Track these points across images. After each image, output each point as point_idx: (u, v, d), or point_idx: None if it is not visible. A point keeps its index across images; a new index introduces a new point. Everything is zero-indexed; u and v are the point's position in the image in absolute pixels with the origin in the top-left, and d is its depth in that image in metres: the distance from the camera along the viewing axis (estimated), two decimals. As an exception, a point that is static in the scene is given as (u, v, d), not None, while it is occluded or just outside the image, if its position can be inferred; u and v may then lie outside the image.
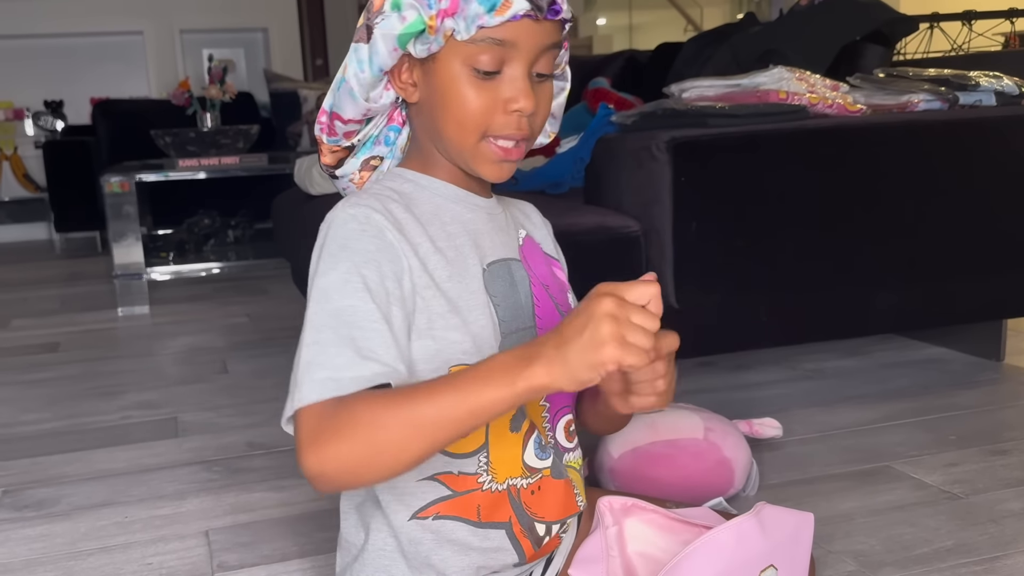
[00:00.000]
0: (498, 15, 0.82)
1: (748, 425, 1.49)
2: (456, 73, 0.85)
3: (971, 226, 1.83)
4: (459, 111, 0.86)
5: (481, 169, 0.89)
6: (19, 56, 5.12)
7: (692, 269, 1.68)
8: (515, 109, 0.85)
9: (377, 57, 0.86)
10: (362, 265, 0.81)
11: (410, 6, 0.83)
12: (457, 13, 0.83)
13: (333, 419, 0.74)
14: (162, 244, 3.80)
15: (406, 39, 0.85)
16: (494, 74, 0.85)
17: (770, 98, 1.79)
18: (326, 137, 0.95)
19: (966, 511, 1.35)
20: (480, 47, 0.83)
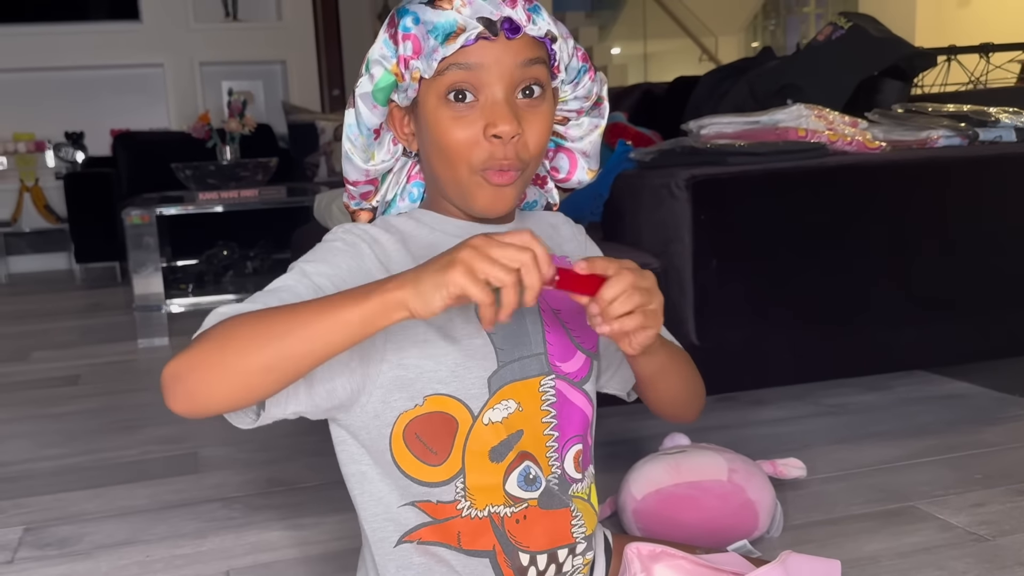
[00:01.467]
0: (451, 43, 0.83)
1: (772, 466, 1.47)
2: (434, 109, 0.87)
3: (993, 262, 1.82)
4: (443, 145, 0.87)
5: (475, 203, 0.89)
6: (40, 88, 5.19)
7: (713, 307, 1.67)
8: (494, 134, 0.84)
9: (362, 118, 0.90)
10: (331, 262, 0.86)
11: (375, 63, 0.88)
12: (420, 54, 0.85)
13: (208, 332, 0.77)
14: (181, 276, 3.83)
15: (381, 94, 0.88)
16: (471, 102, 0.85)
17: (789, 135, 1.80)
18: (352, 203, 0.98)
19: (993, 553, 1.33)
20: (448, 76, 0.85)
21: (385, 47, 0.87)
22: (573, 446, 0.96)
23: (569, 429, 0.95)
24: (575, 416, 0.96)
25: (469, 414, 0.89)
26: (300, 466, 1.83)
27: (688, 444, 1.46)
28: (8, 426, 2.23)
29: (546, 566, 0.93)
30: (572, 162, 1.00)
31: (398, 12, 0.87)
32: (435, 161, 0.89)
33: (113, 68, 5.24)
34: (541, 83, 0.87)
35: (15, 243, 5.23)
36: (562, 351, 0.94)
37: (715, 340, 1.70)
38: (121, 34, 5.18)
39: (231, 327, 0.76)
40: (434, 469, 0.89)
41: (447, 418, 0.88)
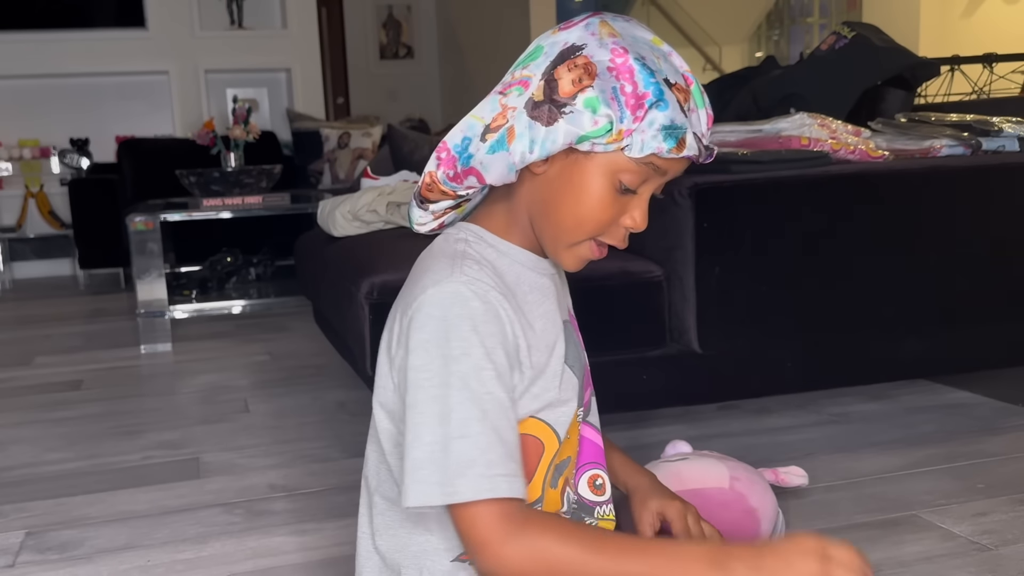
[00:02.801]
0: (674, 152, 0.83)
1: (774, 474, 1.47)
2: (600, 178, 0.85)
3: (996, 271, 1.82)
4: (586, 212, 0.86)
5: (566, 261, 0.90)
6: (46, 95, 5.21)
7: (715, 314, 1.67)
8: (629, 225, 0.87)
9: (551, 144, 0.83)
10: (492, 351, 0.82)
11: (605, 114, 0.81)
12: (636, 131, 0.82)
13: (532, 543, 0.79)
14: (185, 282, 3.83)
15: (587, 139, 0.83)
16: (631, 194, 0.86)
17: (792, 144, 1.80)
18: (448, 182, 0.90)
19: (996, 563, 1.33)
20: (637, 167, 0.84)
21: (621, 107, 0.81)
22: (588, 471, 1.00)
23: (584, 456, 0.99)
24: (586, 447, 1.00)
25: (556, 441, 0.92)
26: (301, 472, 1.83)
27: (690, 452, 1.46)
28: (11, 430, 2.23)
29: None
30: None
31: (654, 88, 0.81)
32: (561, 212, 0.87)
33: (118, 75, 5.26)
34: None
35: (20, 249, 5.24)
36: (584, 384, 0.99)
37: (717, 348, 1.70)
38: (127, 41, 5.20)
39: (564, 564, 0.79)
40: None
41: (536, 442, 0.90)
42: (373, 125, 4.96)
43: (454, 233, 0.93)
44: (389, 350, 0.89)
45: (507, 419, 0.82)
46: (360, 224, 2.15)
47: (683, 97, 0.83)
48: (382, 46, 7.23)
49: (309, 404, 2.34)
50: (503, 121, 0.85)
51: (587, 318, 1.11)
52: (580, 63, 0.82)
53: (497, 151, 0.85)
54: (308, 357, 2.85)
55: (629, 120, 0.81)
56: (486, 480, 0.78)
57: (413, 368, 0.83)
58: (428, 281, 0.85)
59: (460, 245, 0.90)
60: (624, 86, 0.81)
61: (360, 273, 1.68)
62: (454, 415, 0.80)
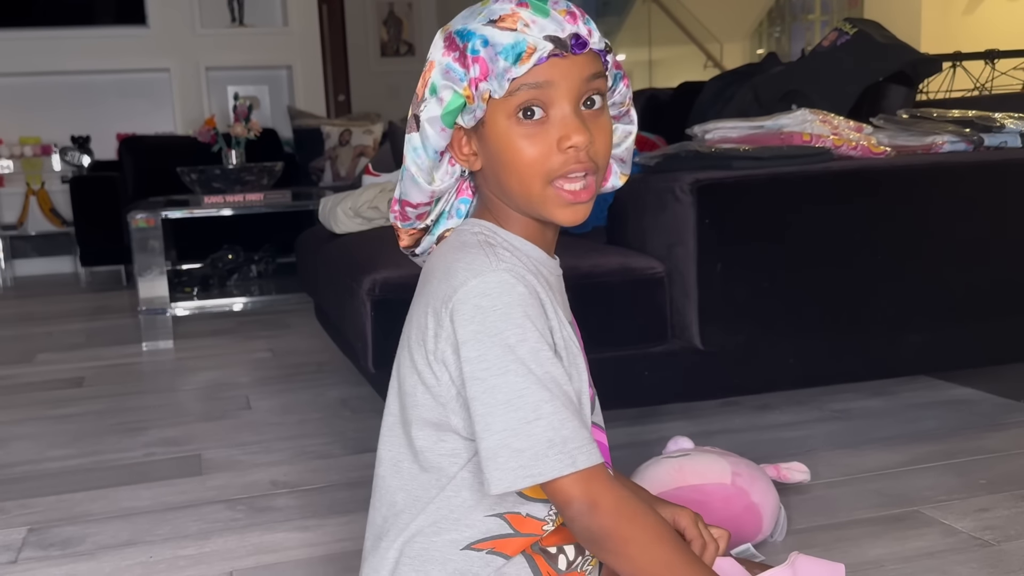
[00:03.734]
0: (524, 63, 0.84)
1: (776, 469, 1.47)
2: (504, 129, 0.87)
3: (998, 267, 1.82)
4: (518, 164, 0.88)
5: (555, 215, 0.91)
6: (47, 92, 5.21)
7: (717, 311, 1.67)
8: (569, 145, 0.87)
9: (429, 141, 0.89)
10: (544, 332, 0.86)
11: (444, 87, 0.87)
12: (489, 75, 0.85)
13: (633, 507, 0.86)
14: (186, 279, 3.83)
15: (450, 117, 0.88)
16: (541, 119, 0.87)
17: (794, 140, 1.80)
18: (401, 223, 0.97)
19: (998, 558, 1.33)
20: (518, 96, 0.86)
21: (451, 70, 0.87)
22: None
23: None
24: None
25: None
26: (303, 468, 1.83)
27: (692, 448, 1.46)
28: (13, 427, 2.23)
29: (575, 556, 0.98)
30: (608, 168, 1.02)
31: (460, 35, 0.87)
32: (506, 178, 0.90)
33: (119, 72, 5.26)
34: (601, 93, 0.90)
35: (21, 246, 5.25)
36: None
37: (719, 344, 1.70)
38: (128, 39, 5.20)
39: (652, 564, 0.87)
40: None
41: None
42: (374, 122, 4.96)
43: (468, 228, 0.95)
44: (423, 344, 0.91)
45: (568, 394, 0.85)
46: (362, 221, 2.15)
47: (511, 22, 0.85)
48: (383, 43, 7.22)
49: (311, 401, 2.34)
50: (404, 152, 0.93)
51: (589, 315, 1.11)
52: (426, 69, 0.90)
53: (404, 176, 0.93)
54: (310, 354, 2.86)
55: (465, 74, 0.86)
56: (566, 456, 0.83)
57: (468, 360, 0.85)
58: (467, 272, 0.87)
59: (481, 236, 0.92)
60: (452, 56, 0.87)
61: (362, 270, 1.68)
62: (524, 400, 0.83)
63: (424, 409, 0.91)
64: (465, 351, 0.85)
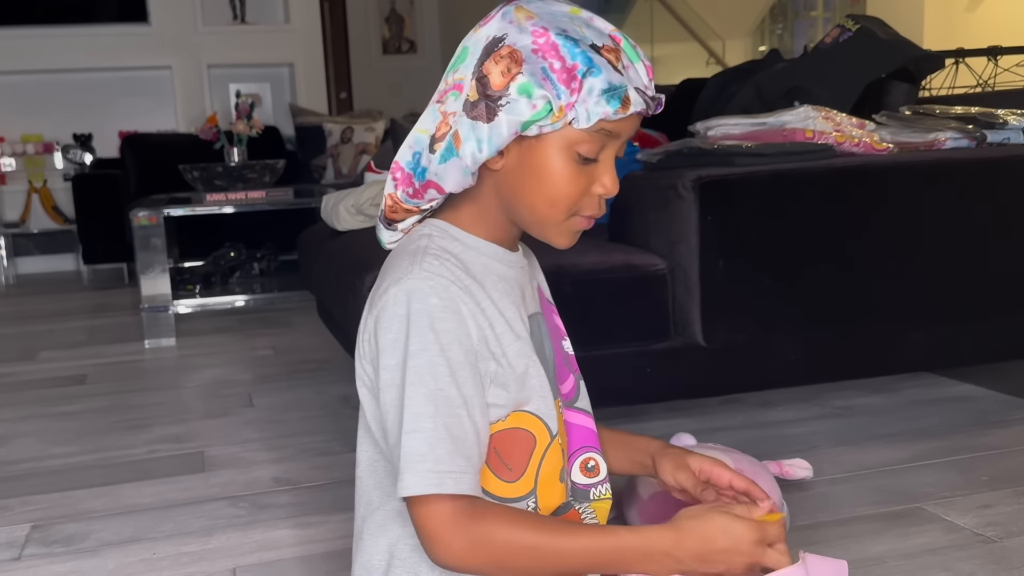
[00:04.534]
0: (621, 112, 0.83)
1: (778, 466, 1.47)
2: (558, 156, 0.85)
3: (1000, 263, 1.82)
4: (555, 192, 0.86)
5: (558, 240, 0.91)
6: (49, 90, 5.21)
7: (719, 307, 1.67)
8: (601, 193, 0.88)
9: (498, 138, 0.85)
10: (447, 347, 0.83)
11: (542, 96, 0.82)
12: (577, 103, 0.83)
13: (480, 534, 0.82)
14: (188, 277, 3.83)
15: (531, 124, 0.84)
16: (594, 163, 0.87)
17: (796, 137, 1.79)
18: (407, 199, 0.92)
19: (1000, 555, 1.33)
20: (590, 136, 0.85)
21: (550, 81, 0.82)
22: (581, 455, 0.99)
23: (573, 443, 0.98)
24: (577, 432, 0.99)
25: (548, 434, 0.91)
26: (306, 465, 1.83)
27: (694, 444, 1.46)
28: (16, 425, 2.24)
29: None
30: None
31: (567, 44, 0.83)
32: (532, 197, 0.87)
33: (121, 70, 5.26)
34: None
35: (23, 244, 5.25)
36: (560, 373, 0.98)
37: (722, 341, 1.70)
38: (129, 36, 5.19)
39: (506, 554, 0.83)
40: (508, 485, 0.90)
41: (526, 435, 0.90)
42: (376, 120, 4.95)
43: (419, 230, 0.93)
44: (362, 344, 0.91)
45: (458, 416, 0.82)
46: (364, 218, 2.15)
47: (614, 57, 0.84)
48: (385, 41, 7.22)
49: (313, 398, 2.34)
50: (447, 128, 0.87)
51: (591, 311, 1.11)
52: (505, 53, 0.84)
53: (448, 159, 0.87)
54: (312, 351, 2.86)
55: (567, 94, 0.83)
56: (433, 476, 0.80)
57: (384, 368, 0.85)
58: (390, 280, 0.86)
59: (423, 241, 0.90)
60: (552, 64, 0.83)
61: (363, 267, 1.69)
62: (407, 411, 0.82)
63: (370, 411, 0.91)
64: (382, 359, 0.85)
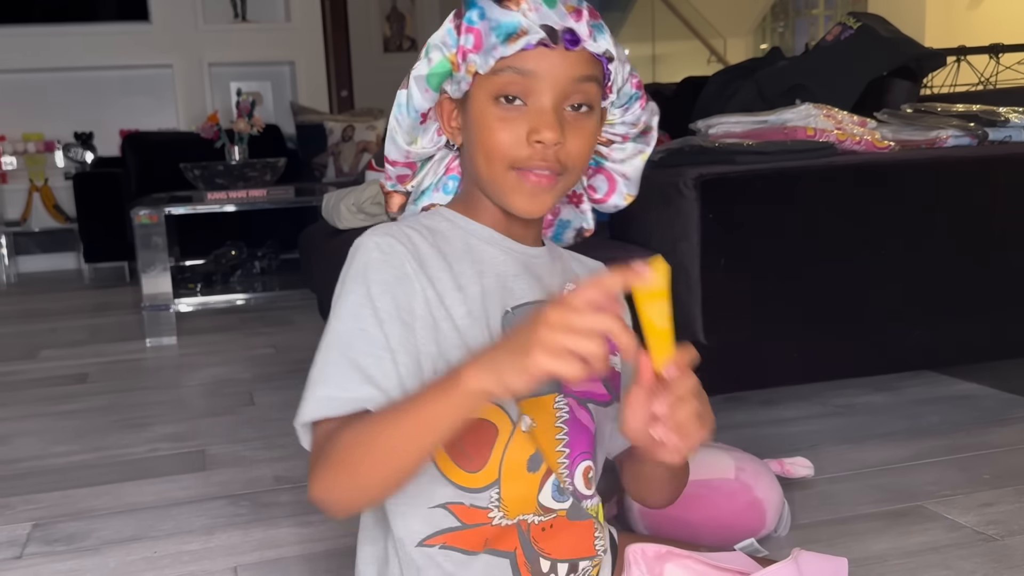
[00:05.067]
0: (512, 44, 0.84)
1: (780, 464, 1.47)
2: (483, 107, 0.88)
3: (1002, 262, 1.82)
4: (486, 143, 0.88)
5: (512, 202, 0.89)
6: (50, 89, 5.21)
7: (721, 306, 1.67)
8: (537, 140, 0.85)
9: (413, 100, 0.91)
10: (378, 295, 0.85)
11: (435, 48, 0.89)
12: (479, 50, 0.86)
13: (326, 450, 0.81)
14: (190, 275, 3.83)
15: (435, 79, 0.89)
16: (519, 106, 0.86)
17: (798, 135, 1.79)
18: (387, 184, 0.99)
19: (1002, 553, 1.33)
20: (502, 77, 0.86)
21: (448, 35, 0.89)
22: (582, 462, 0.96)
23: (578, 446, 0.95)
24: (583, 434, 0.96)
25: (510, 422, 0.89)
26: (306, 464, 1.82)
27: (695, 443, 1.46)
28: (17, 423, 2.24)
29: (567, 575, 0.93)
30: (611, 184, 1.01)
31: (467, 3, 0.88)
32: (476, 157, 0.90)
33: (122, 69, 5.26)
34: (591, 102, 0.89)
35: (24, 243, 5.25)
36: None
37: (723, 339, 1.70)
38: (130, 35, 5.19)
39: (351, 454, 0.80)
40: (471, 475, 0.89)
41: (488, 425, 0.89)
42: (377, 118, 4.95)
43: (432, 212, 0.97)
44: None
45: (378, 357, 0.83)
46: (365, 216, 2.15)
47: (515, 3, 0.85)
48: (386, 39, 7.21)
49: (314, 397, 2.33)
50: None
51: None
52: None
53: (389, 134, 0.95)
54: (313, 350, 2.79)
55: (457, 42, 0.87)
56: (317, 401, 0.82)
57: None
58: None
59: (406, 216, 0.97)
60: (455, 25, 0.88)
61: (365, 265, 1.68)
62: (321, 345, 0.85)
63: None
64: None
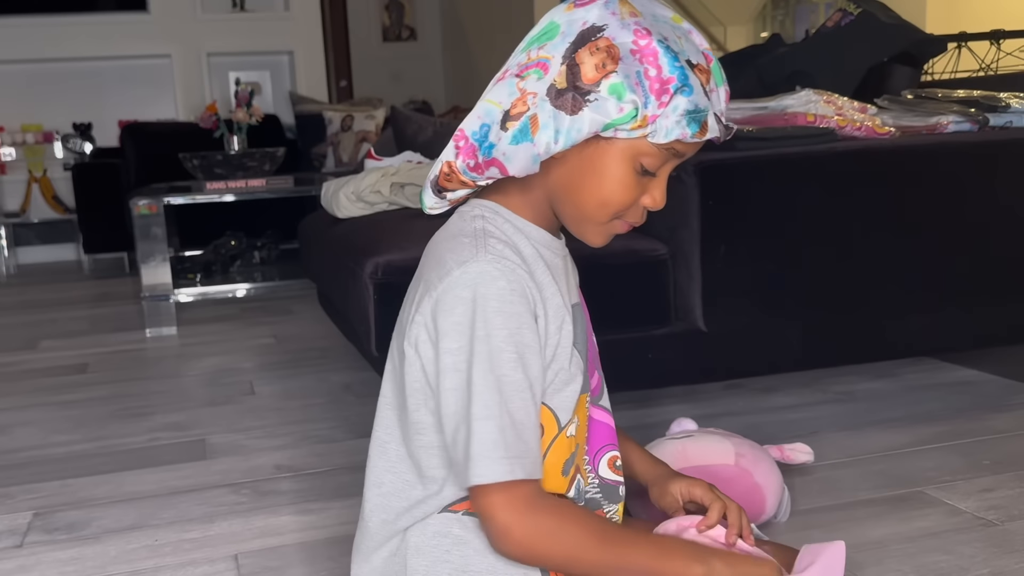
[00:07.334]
0: (698, 136, 0.83)
1: (779, 450, 1.47)
2: (622, 162, 0.85)
3: (1002, 247, 1.81)
4: (609, 196, 0.86)
5: (592, 238, 0.91)
6: (48, 79, 5.19)
7: (721, 292, 1.67)
8: (649, 205, 0.88)
9: (577, 133, 0.82)
10: (516, 332, 0.83)
11: (631, 100, 0.80)
12: (662, 116, 0.81)
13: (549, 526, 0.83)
14: (189, 265, 3.83)
15: (612, 127, 0.82)
16: (651, 176, 0.87)
17: (798, 121, 1.78)
18: (466, 171, 0.88)
19: (1002, 538, 1.33)
20: (659, 151, 0.84)
21: (642, 86, 0.80)
22: (607, 453, 1.00)
23: (595, 442, 0.98)
24: (599, 430, 0.99)
25: (557, 425, 0.91)
26: (307, 452, 1.83)
27: (695, 429, 1.46)
28: (18, 413, 2.24)
29: None
30: None
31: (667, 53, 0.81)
32: (584, 195, 0.87)
33: (121, 59, 5.25)
34: None
35: (24, 234, 5.24)
36: (590, 368, 0.98)
37: (723, 326, 1.70)
38: (129, 25, 5.18)
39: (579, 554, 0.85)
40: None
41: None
42: (376, 108, 4.94)
43: (469, 210, 0.92)
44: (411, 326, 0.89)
45: (523, 401, 0.83)
46: (364, 205, 2.14)
47: (705, 78, 0.83)
48: (385, 28, 7.19)
49: (314, 386, 2.34)
50: (524, 108, 0.83)
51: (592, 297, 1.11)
52: (602, 46, 0.80)
53: (521, 142, 0.83)
54: (313, 339, 2.86)
55: (654, 106, 0.80)
56: (506, 463, 0.80)
57: (447, 352, 0.83)
58: (453, 262, 0.85)
59: (479, 222, 0.89)
60: (648, 70, 0.80)
61: (364, 254, 1.68)
62: (476, 398, 0.81)
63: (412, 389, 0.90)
64: (444, 342, 0.83)
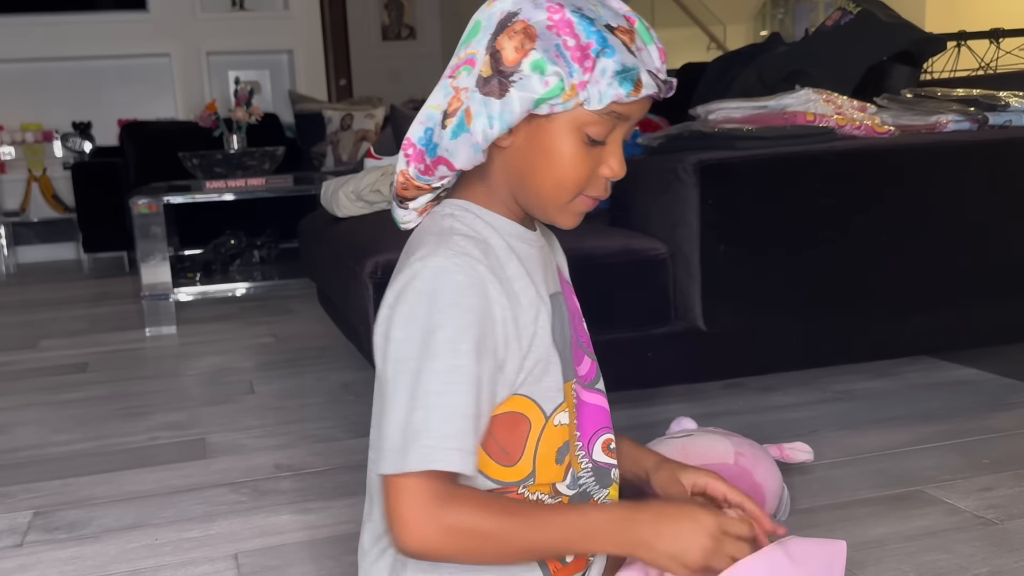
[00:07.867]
0: (633, 95, 0.82)
1: (779, 449, 1.47)
2: (567, 137, 0.85)
3: (1002, 246, 1.81)
4: (562, 173, 0.86)
5: (561, 220, 0.90)
6: (48, 78, 5.19)
7: (720, 291, 1.67)
8: (608, 175, 0.87)
9: (509, 115, 0.84)
10: (471, 325, 0.82)
11: (554, 72, 0.81)
12: (590, 83, 0.82)
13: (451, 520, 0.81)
14: (189, 264, 3.83)
15: (543, 102, 0.83)
16: (601, 145, 0.86)
17: (797, 120, 1.79)
18: (418, 175, 0.91)
19: (1001, 537, 1.33)
20: (600, 118, 0.84)
21: (564, 58, 0.81)
22: (601, 436, 0.99)
23: (589, 427, 0.98)
24: (593, 414, 0.99)
25: (543, 415, 0.91)
26: (306, 451, 1.84)
27: (695, 428, 1.46)
28: (18, 413, 2.24)
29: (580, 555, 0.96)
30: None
31: (582, 23, 0.82)
32: (539, 177, 0.87)
33: (120, 58, 5.24)
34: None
35: (23, 233, 5.24)
36: (576, 355, 0.97)
37: (722, 325, 1.70)
38: (128, 24, 5.18)
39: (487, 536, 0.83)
40: (507, 470, 0.90)
41: (522, 419, 0.90)
42: (376, 106, 4.94)
43: (440, 210, 0.93)
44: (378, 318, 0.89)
45: (472, 395, 0.82)
46: (363, 204, 2.14)
47: (628, 38, 0.83)
48: (384, 27, 7.19)
49: (314, 385, 2.34)
50: (458, 104, 0.86)
51: (591, 296, 1.11)
52: (519, 28, 0.83)
53: (459, 135, 0.86)
54: (313, 338, 2.86)
55: (579, 73, 0.82)
56: (439, 452, 0.80)
57: (394, 340, 0.83)
58: (416, 258, 0.85)
59: (447, 221, 0.90)
60: (566, 41, 0.82)
61: (364, 253, 1.68)
62: (420, 386, 0.81)
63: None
64: (394, 331, 0.84)
